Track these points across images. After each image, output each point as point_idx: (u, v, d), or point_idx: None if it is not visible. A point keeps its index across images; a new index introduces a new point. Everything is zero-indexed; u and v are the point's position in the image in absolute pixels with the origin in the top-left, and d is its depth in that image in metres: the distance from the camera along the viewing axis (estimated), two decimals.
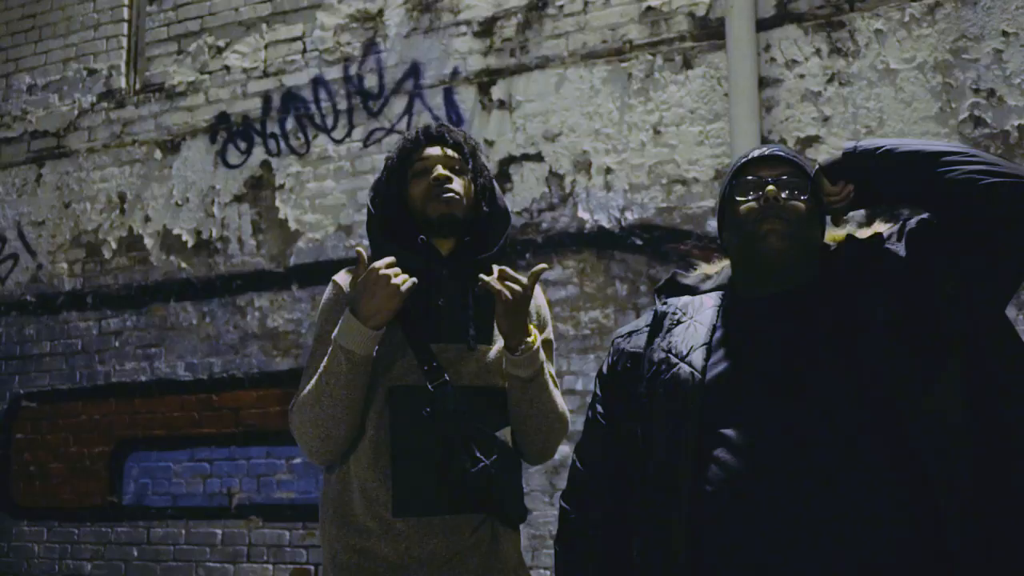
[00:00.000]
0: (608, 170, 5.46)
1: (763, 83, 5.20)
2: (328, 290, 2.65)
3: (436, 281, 2.55)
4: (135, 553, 6.35)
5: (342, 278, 2.64)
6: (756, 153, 2.17)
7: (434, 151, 2.64)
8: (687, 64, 5.39)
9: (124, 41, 7.04)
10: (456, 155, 2.65)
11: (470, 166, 2.66)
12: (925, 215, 2.05)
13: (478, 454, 2.40)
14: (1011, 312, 4.49)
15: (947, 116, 4.84)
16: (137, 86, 6.96)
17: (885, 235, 2.10)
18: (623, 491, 2.17)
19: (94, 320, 6.75)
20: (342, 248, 6.04)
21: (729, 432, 1.94)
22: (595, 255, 5.42)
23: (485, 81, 5.87)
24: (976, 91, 4.80)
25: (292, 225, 6.24)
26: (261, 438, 6.11)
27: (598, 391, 2.32)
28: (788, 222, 2.05)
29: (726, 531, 1.90)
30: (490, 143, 5.77)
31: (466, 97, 5.90)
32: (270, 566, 5.96)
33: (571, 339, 5.39)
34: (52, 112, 7.15)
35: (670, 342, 2.14)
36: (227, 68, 6.63)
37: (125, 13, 7.07)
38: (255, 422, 6.14)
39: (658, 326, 2.21)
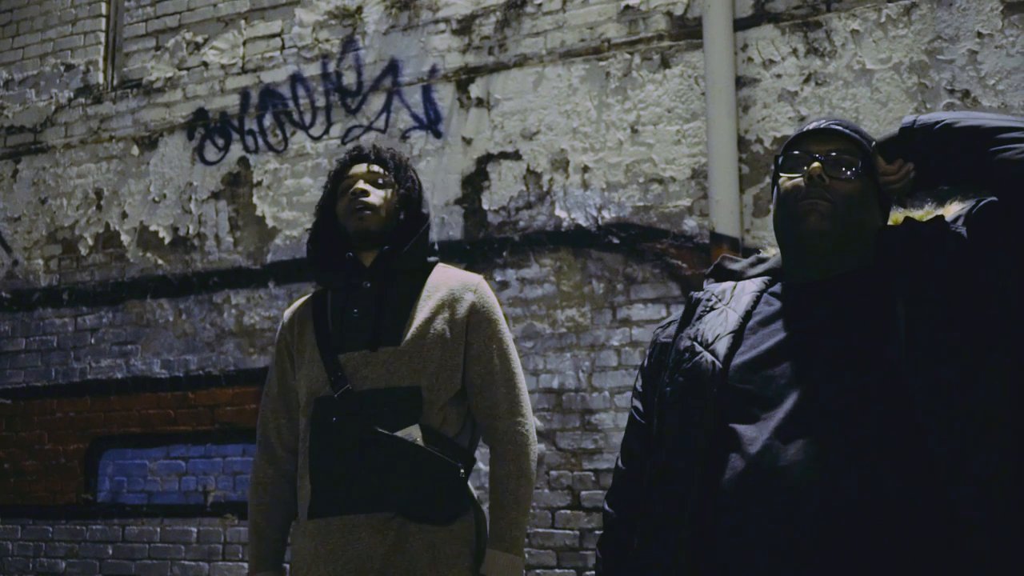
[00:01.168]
0: (585, 168, 5.46)
1: (740, 82, 5.21)
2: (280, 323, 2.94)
3: (355, 293, 2.76)
4: (110, 551, 6.32)
5: (287, 313, 2.92)
6: (810, 126, 2.01)
7: (359, 168, 2.83)
8: (665, 63, 5.40)
9: (102, 36, 7.01)
10: (380, 169, 2.82)
11: (392, 178, 2.82)
12: (993, 196, 1.86)
13: (365, 456, 2.55)
14: None
15: None
16: (115, 82, 6.93)
17: (950, 217, 1.92)
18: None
19: (70, 317, 6.72)
20: None
21: (743, 429, 1.79)
22: (572, 253, 5.42)
23: (463, 79, 5.86)
24: (951, 92, 4.82)
25: (269, 222, 6.22)
26: (237, 435, 6.08)
27: (637, 386, 2.16)
28: (833, 202, 1.89)
29: (730, 538, 1.75)
30: (468, 141, 5.77)
31: (444, 95, 5.90)
32: (245, 564, 5.93)
33: (547, 337, 5.38)
34: (29, 107, 7.11)
35: (698, 329, 1.99)
36: (205, 64, 6.61)
37: (103, 8, 7.04)
38: (231, 420, 6.12)
39: (690, 313, 2.07)
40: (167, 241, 6.50)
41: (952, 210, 1.95)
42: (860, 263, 1.91)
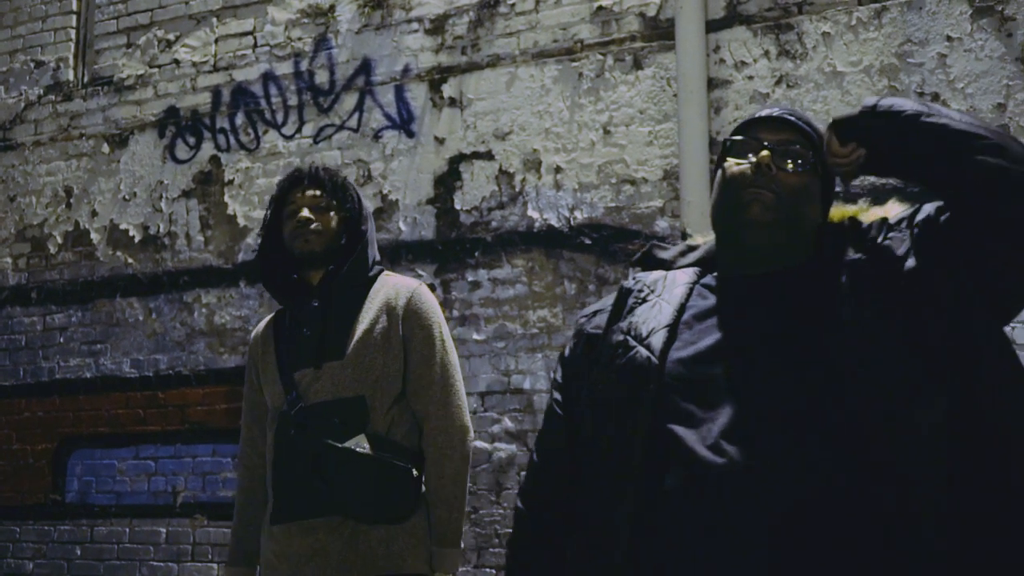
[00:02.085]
0: (558, 169, 5.46)
1: (712, 84, 5.22)
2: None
3: (305, 313, 2.93)
4: (78, 552, 6.27)
5: (255, 332, 3.09)
6: (762, 113, 1.92)
7: (300, 193, 2.96)
8: (637, 64, 5.41)
9: (72, 33, 6.96)
10: (321, 194, 2.96)
11: (334, 203, 2.97)
12: (941, 202, 1.77)
13: (318, 467, 2.71)
14: None
15: None
16: (85, 79, 6.88)
17: (893, 219, 1.83)
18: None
19: (38, 315, 6.66)
20: None
21: (682, 432, 1.69)
22: (544, 254, 5.42)
23: (436, 79, 5.85)
24: (921, 95, 4.85)
25: (241, 221, 6.19)
26: (207, 436, 6.05)
27: (558, 377, 2.02)
28: (777, 194, 1.80)
29: (671, 545, 1.66)
30: (440, 141, 5.76)
31: (417, 94, 5.88)
32: (215, 565, 5.91)
33: (519, 338, 5.38)
34: None
35: (631, 323, 1.86)
36: (176, 62, 6.56)
37: (73, 5, 6.98)
38: (201, 419, 6.08)
39: (621, 305, 1.93)
40: (137, 240, 6.46)
41: (893, 210, 1.88)
42: (799, 259, 1.83)
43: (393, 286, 2.95)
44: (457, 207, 5.65)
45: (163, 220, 6.41)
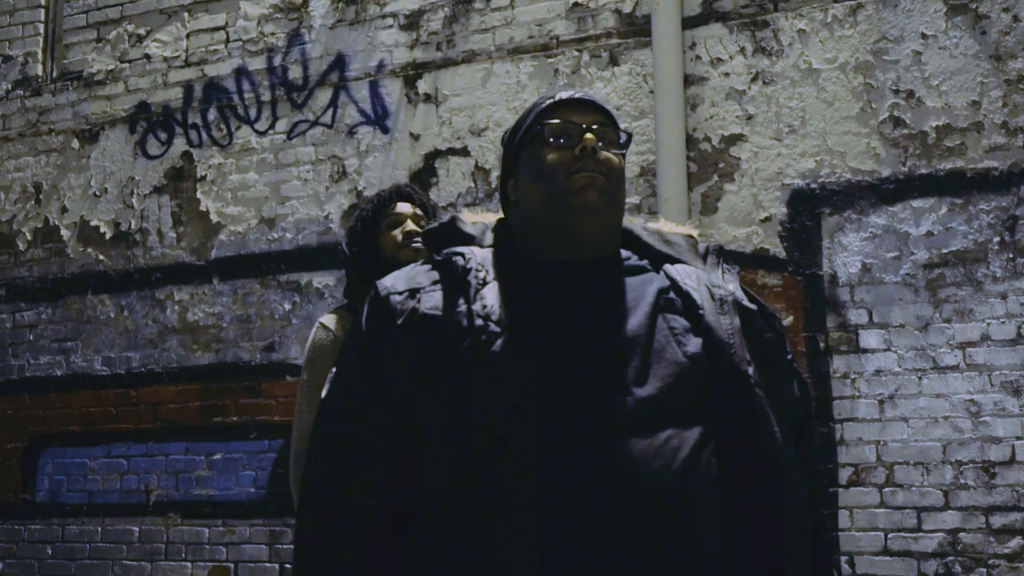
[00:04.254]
0: None
1: (688, 81, 5.23)
2: (318, 333, 3.01)
3: None
4: (49, 551, 6.20)
5: (331, 321, 3.02)
6: (565, 95, 1.80)
7: (405, 208, 3.08)
8: (613, 61, 5.40)
9: (41, 27, 6.87)
10: (422, 214, 3.10)
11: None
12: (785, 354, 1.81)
13: None
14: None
15: (868, 116, 4.90)
16: (54, 74, 6.80)
17: (727, 289, 1.84)
18: (407, 486, 1.65)
19: (8, 313, 6.59)
20: (264, 241, 5.96)
21: (558, 424, 1.56)
22: None
23: (411, 74, 5.83)
24: (896, 92, 4.88)
25: (213, 217, 6.14)
26: (180, 434, 6.00)
27: (373, 359, 1.71)
28: (607, 176, 1.73)
29: (571, 551, 1.52)
30: (416, 137, 5.74)
31: (392, 90, 5.86)
32: (188, 564, 5.86)
33: None
34: None
35: (484, 306, 1.64)
36: (148, 57, 6.50)
37: None
38: (174, 417, 6.04)
39: (460, 284, 1.69)
40: (108, 236, 6.39)
41: (679, 230, 1.93)
42: (612, 248, 1.79)
43: None
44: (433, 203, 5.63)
45: (134, 216, 6.35)
